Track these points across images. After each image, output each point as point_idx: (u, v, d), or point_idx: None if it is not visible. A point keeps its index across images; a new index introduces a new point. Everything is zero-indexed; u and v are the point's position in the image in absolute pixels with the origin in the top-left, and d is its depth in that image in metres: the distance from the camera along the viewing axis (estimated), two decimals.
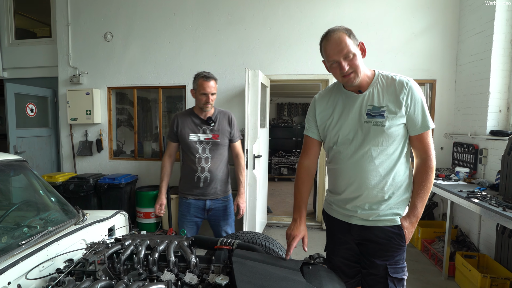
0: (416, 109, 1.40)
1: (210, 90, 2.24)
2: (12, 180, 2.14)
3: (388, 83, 1.44)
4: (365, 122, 1.43)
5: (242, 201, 2.45)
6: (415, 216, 1.45)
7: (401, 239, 1.44)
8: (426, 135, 1.42)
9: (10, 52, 5.24)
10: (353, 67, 1.37)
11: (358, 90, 1.47)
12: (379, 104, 1.42)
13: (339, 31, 1.37)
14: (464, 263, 2.86)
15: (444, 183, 3.36)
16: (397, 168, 1.44)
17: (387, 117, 1.39)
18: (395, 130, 1.40)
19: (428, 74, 4.20)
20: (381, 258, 1.45)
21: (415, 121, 1.41)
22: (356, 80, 1.40)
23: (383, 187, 1.43)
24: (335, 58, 1.37)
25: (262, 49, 4.48)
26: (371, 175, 1.43)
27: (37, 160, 4.85)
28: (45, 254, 1.58)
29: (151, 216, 4.39)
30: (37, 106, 4.88)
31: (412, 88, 1.40)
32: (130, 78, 4.79)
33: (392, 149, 1.42)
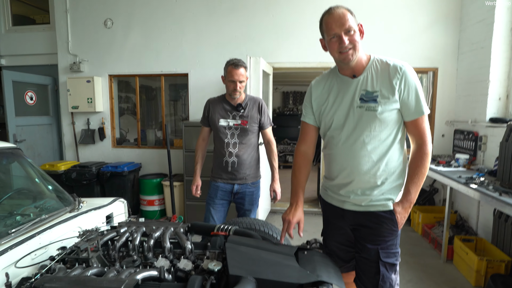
0: (410, 94, 1.39)
1: (238, 77, 2.28)
2: (5, 169, 2.11)
3: (382, 68, 1.43)
4: (357, 107, 1.42)
5: (278, 186, 2.50)
6: (408, 202, 1.44)
7: (393, 224, 1.44)
8: (421, 121, 1.41)
9: (7, 39, 5.16)
10: (352, 42, 1.36)
11: (353, 75, 1.46)
12: (373, 89, 1.41)
13: (342, 8, 1.38)
14: (462, 247, 2.96)
15: (445, 169, 3.44)
16: (390, 153, 1.44)
17: (379, 102, 1.39)
18: (388, 116, 1.40)
19: (431, 62, 4.22)
20: (372, 242, 1.46)
21: (408, 106, 1.40)
22: (354, 57, 1.39)
23: (375, 173, 1.44)
24: (336, 31, 1.35)
25: (265, 37, 4.46)
26: (363, 160, 1.43)
27: (39, 148, 4.84)
28: (37, 242, 1.56)
29: (154, 204, 4.44)
30: (36, 94, 4.84)
31: (406, 73, 1.39)
32: (132, 66, 4.76)
33: (385, 135, 1.42)
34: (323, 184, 1.69)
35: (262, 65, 3.82)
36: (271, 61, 4.43)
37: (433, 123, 4.29)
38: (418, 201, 4.17)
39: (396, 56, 4.08)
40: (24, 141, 4.60)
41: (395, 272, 1.50)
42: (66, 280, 1.06)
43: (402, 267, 3.09)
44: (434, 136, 4.30)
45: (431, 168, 3.50)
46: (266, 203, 4.46)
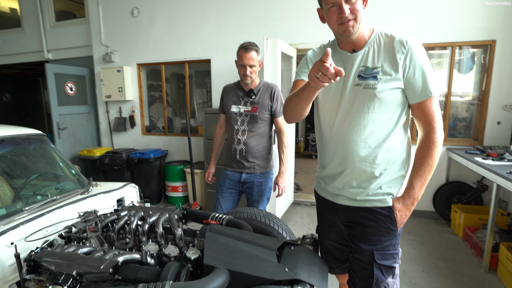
0: (416, 72, 1.19)
1: (248, 61, 2.18)
2: (32, 153, 2.26)
3: (386, 42, 1.25)
4: (355, 85, 1.25)
5: (282, 180, 2.34)
6: (411, 197, 1.24)
7: (391, 222, 1.26)
8: (429, 104, 1.20)
9: (52, 34, 5.55)
10: (354, 12, 1.18)
11: (353, 49, 1.26)
12: (373, 65, 1.23)
13: None
14: (508, 256, 2.46)
15: (493, 163, 2.88)
16: (391, 139, 1.24)
17: (380, 79, 1.20)
18: (389, 95, 1.21)
19: (486, 34, 3.52)
20: (367, 242, 1.29)
21: (414, 86, 1.20)
22: (355, 29, 1.21)
23: (373, 161, 1.25)
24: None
25: (288, 17, 4.13)
26: (359, 146, 1.25)
27: (79, 135, 5.20)
28: (48, 220, 1.71)
29: (178, 190, 4.50)
30: (76, 84, 5.16)
31: (412, 48, 1.19)
32: (157, 54, 4.80)
33: (385, 118, 1.23)
34: (316, 175, 1.52)
35: (281, 47, 3.54)
36: (295, 42, 4.11)
37: (485, 108, 3.62)
38: (462, 200, 3.60)
39: (441, 29, 3.63)
40: (66, 129, 4.96)
41: (393, 276, 1.30)
42: (59, 255, 1.22)
43: (431, 272, 2.69)
44: (487, 123, 3.63)
45: (477, 161, 2.96)
46: (289, 194, 4.25)
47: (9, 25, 6.07)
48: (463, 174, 3.72)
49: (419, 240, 3.31)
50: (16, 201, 1.91)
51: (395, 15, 3.75)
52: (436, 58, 3.95)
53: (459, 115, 3.92)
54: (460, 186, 3.71)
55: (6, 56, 6.05)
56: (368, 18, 3.89)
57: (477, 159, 3.02)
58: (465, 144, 3.75)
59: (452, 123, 3.90)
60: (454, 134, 3.91)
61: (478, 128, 3.72)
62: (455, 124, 3.92)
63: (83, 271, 1.13)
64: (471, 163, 3.05)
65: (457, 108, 3.90)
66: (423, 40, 3.69)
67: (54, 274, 1.13)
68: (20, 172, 2.21)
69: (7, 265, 1.43)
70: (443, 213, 3.76)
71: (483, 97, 3.65)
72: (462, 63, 3.77)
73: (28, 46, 5.74)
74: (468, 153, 3.35)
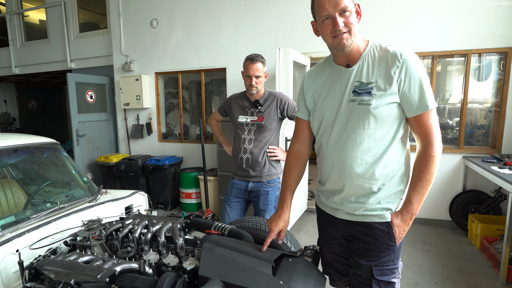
0: (412, 85, 1.17)
1: (253, 72, 2.23)
2: (46, 161, 2.36)
3: (380, 55, 1.22)
4: (350, 101, 1.24)
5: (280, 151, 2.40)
6: (409, 213, 1.23)
7: (390, 238, 1.24)
8: (426, 117, 1.19)
9: (75, 45, 5.83)
10: (348, 25, 1.19)
11: (347, 64, 1.27)
12: (368, 80, 1.22)
13: None
14: None
15: (510, 172, 2.81)
16: (389, 154, 1.23)
17: (374, 95, 1.20)
18: (384, 111, 1.20)
19: (502, 41, 3.47)
20: (366, 258, 1.28)
21: (410, 100, 1.19)
22: (349, 42, 1.21)
23: (370, 177, 1.24)
24: (330, 12, 1.18)
25: (303, 25, 4.19)
26: (356, 162, 1.25)
27: (97, 142, 5.39)
28: (54, 227, 1.74)
29: (192, 197, 4.59)
30: (96, 93, 5.37)
31: (407, 61, 1.17)
32: (175, 63, 4.95)
33: (381, 133, 1.22)
34: (316, 188, 1.53)
35: (293, 56, 3.60)
36: (308, 50, 4.16)
37: (503, 116, 3.54)
38: (479, 209, 3.51)
39: (455, 37, 3.63)
40: (85, 136, 5.16)
41: None
42: (59, 264, 1.24)
43: (445, 285, 2.64)
44: (504, 131, 3.55)
45: (493, 170, 2.90)
46: (302, 201, 4.25)
47: (38, 36, 6.43)
48: (480, 182, 3.63)
49: (434, 250, 3.24)
50: (27, 207, 1.97)
51: (406, 23, 3.75)
52: (455, 65, 3.91)
53: (477, 122, 3.84)
54: (477, 195, 3.62)
55: (33, 65, 6.39)
56: (382, 25, 3.95)
57: (493, 168, 2.96)
58: (482, 152, 3.67)
59: (470, 131, 3.82)
60: (472, 142, 3.83)
61: (496, 136, 3.64)
62: (473, 132, 3.85)
63: (81, 280, 1.14)
64: (487, 172, 2.98)
65: (476, 115, 3.83)
66: (438, 47, 3.67)
67: (53, 283, 1.16)
68: (32, 179, 2.29)
69: (12, 272, 1.46)
70: (460, 223, 3.68)
71: (501, 105, 3.57)
72: (480, 70, 3.71)
73: (53, 56, 6.05)
74: (485, 161, 3.27)
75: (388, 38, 3.79)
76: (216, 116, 2.63)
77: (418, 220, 3.91)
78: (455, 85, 3.91)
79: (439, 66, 3.91)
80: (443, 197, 3.81)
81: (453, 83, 3.93)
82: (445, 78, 3.99)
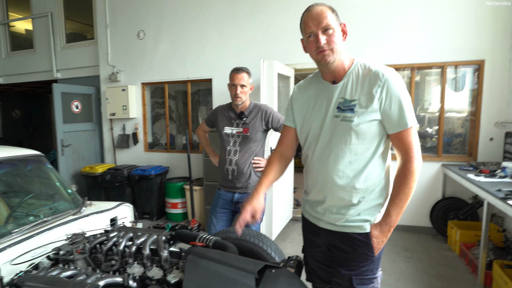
0: (392, 104, 1.23)
1: (238, 81, 2.28)
2: (29, 173, 2.32)
3: (364, 74, 1.29)
4: (334, 117, 1.30)
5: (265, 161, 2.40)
6: (388, 225, 1.28)
7: (369, 248, 1.30)
8: (406, 134, 1.24)
9: (62, 55, 5.82)
10: (330, 43, 1.25)
11: (333, 80, 1.34)
12: (351, 97, 1.28)
13: (322, 5, 1.28)
14: (501, 274, 2.47)
15: (485, 180, 2.92)
16: (369, 169, 1.29)
17: (356, 112, 1.25)
18: (366, 127, 1.26)
19: (475, 54, 3.64)
20: (346, 267, 1.33)
21: (391, 117, 1.25)
22: (331, 59, 1.26)
23: (351, 190, 1.30)
24: (313, 29, 1.25)
25: (287, 38, 4.30)
26: (337, 175, 1.30)
27: (83, 152, 5.34)
28: (37, 241, 1.70)
29: (177, 207, 4.57)
30: (82, 103, 5.35)
31: (388, 80, 1.23)
32: (161, 74, 4.99)
33: (362, 148, 1.28)
34: (302, 197, 1.58)
35: (277, 68, 3.68)
36: (292, 62, 4.27)
37: (478, 125, 3.69)
38: (458, 216, 3.61)
39: (430, 50, 3.78)
40: (70, 146, 5.11)
41: None
42: (41, 279, 1.21)
43: None
44: (480, 140, 3.69)
45: (469, 178, 3.01)
46: (288, 210, 4.29)
47: (24, 46, 6.39)
48: (458, 190, 3.75)
49: (416, 257, 3.31)
50: (9, 221, 1.91)
51: (388, 37, 3.89)
52: (432, 76, 4.06)
53: (455, 131, 3.98)
54: (456, 202, 3.73)
55: (18, 75, 6.34)
56: (363, 41, 4.08)
57: (470, 176, 3.07)
58: (459, 160, 3.80)
59: (448, 139, 3.96)
60: (450, 150, 3.96)
61: (472, 144, 3.78)
62: (450, 140, 3.98)
63: None
64: (464, 179, 3.09)
65: (453, 124, 3.98)
66: (417, 59, 3.82)
67: None
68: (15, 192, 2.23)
69: None
70: (440, 229, 3.77)
71: (476, 114, 3.72)
72: (455, 81, 3.87)
73: (39, 66, 6.02)
74: (462, 169, 3.39)
75: (370, 51, 3.93)
76: (203, 127, 2.67)
77: (400, 227, 3.99)
78: (433, 95, 4.06)
79: (418, 76, 4.06)
80: (423, 204, 3.91)
81: (431, 93, 4.08)
82: (424, 88, 4.14)
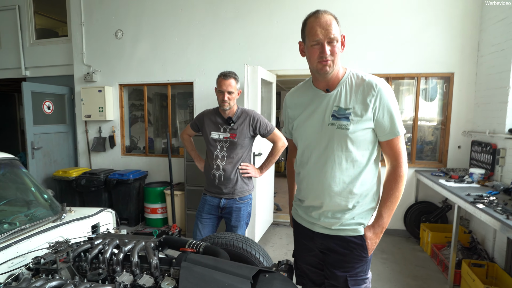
0: (385, 113, 1.31)
1: (226, 88, 2.27)
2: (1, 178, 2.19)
3: (357, 83, 1.35)
4: (329, 124, 1.35)
5: (252, 168, 2.45)
6: (380, 226, 1.37)
7: (363, 250, 1.37)
8: (396, 141, 1.34)
9: (31, 52, 5.51)
10: (333, 54, 1.30)
11: (326, 88, 1.39)
12: (346, 106, 1.33)
13: (330, 14, 1.30)
14: (469, 272, 2.66)
15: (455, 185, 3.13)
16: (364, 175, 1.36)
17: (352, 120, 1.31)
18: (361, 135, 1.32)
19: (445, 67, 3.90)
20: (341, 269, 1.40)
21: (383, 126, 1.32)
22: (331, 69, 1.32)
23: (347, 195, 1.36)
24: (320, 38, 1.27)
25: (269, 44, 4.37)
26: (334, 182, 1.36)
27: (55, 155, 5.10)
28: (14, 251, 1.62)
29: (157, 212, 4.49)
30: (54, 103, 5.10)
31: (381, 91, 1.30)
32: (140, 75, 4.88)
33: (357, 155, 1.34)
34: (293, 203, 1.63)
35: (261, 74, 3.73)
36: (274, 68, 4.33)
37: (447, 133, 3.95)
38: (429, 219, 3.84)
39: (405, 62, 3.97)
40: (41, 148, 4.85)
41: None
42: None
43: None
44: (449, 147, 3.95)
45: (441, 183, 3.21)
46: (268, 214, 4.35)
47: None
48: (430, 194, 3.98)
49: (391, 258, 3.48)
50: None
51: (366, 49, 4.06)
52: (406, 86, 4.29)
53: (426, 139, 4.23)
54: (427, 206, 3.97)
55: None
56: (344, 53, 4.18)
57: (441, 181, 3.28)
58: (431, 166, 4.04)
59: (420, 146, 4.20)
60: (422, 156, 4.20)
61: (442, 151, 4.03)
62: (422, 147, 4.22)
63: None
64: (436, 185, 3.30)
65: (425, 132, 4.22)
66: (392, 70, 4.02)
67: None
68: None
69: None
70: (413, 232, 3.99)
71: (446, 123, 3.98)
72: (427, 91, 4.12)
73: (5, 63, 5.65)
74: (434, 175, 3.61)
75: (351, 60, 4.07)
76: (188, 131, 2.63)
77: None
78: (407, 104, 4.28)
79: (393, 86, 4.27)
80: (398, 208, 4.10)
81: (405, 101, 4.31)
82: (399, 97, 4.37)
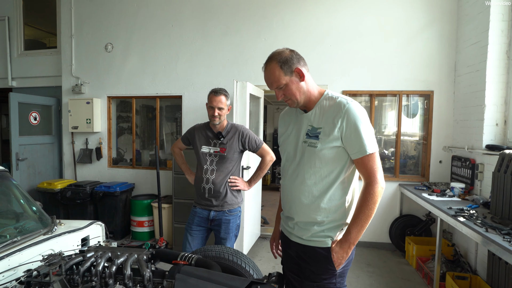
0: (353, 133, 1.35)
1: (216, 104, 2.35)
2: None
3: (330, 104, 1.43)
4: (303, 142, 1.47)
5: (241, 181, 2.51)
6: (347, 242, 1.38)
7: (329, 262, 1.40)
8: (367, 160, 1.35)
9: (19, 63, 5.47)
10: (287, 95, 1.43)
11: (304, 109, 1.51)
12: (317, 125, 1.43)
13: (272, 62, 1.41)
14: (453, 285, 2.73)
15: (437, 199, 3.24)
16: (332, 192, 1.42)
17: (320, 139, 1.40)
18: (328, 153, 1.39)
19: (426, 85, 4.08)
20: (309, 279, 1.45)
21: (352, 145, 1.37)
22: (295, 104, 1.46)
23: (316, 209, 1.43)
24: (271, 88, 1.47)
25: (257, 60, 4.48)
26: (303, 195, 1.45)
27: (40, 166, 5.00)
28: (6, 264, 1.61)
29: (144, 225, 4.43)
30: (41, 114, 5.04)
31: (349, 111, 1.35)
32: (129, 88, 4.89)
33: (326, 172, 1.41)
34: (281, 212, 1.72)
35: (250, 89, 3.81)
36: (262, 83, 4.42)
37: (429, 149, 4.10)
38: (414, 232, 3.93)
39: (388, 80, 4.14)
40: (26, 160, 4.76)
41: None
42: None
43: None
44: (431, 162, 4.09)
45: (424, 197, 3.31)
46: (256, 228, 4.35)
47: None
48: (414, 208, 4.09)
49: (378, 271, 3.53)
50: None
51: (351, 66, 4.22)
52: (389, 102, 4.45)
53: (409, 153, 4.37)
54: (411, 219, 4.06)
55: None
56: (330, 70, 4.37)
57: (424, 195, 3.38)
58: (414, 180, 4.16)
59: (403, 161, 4.33)
60: (405, 171, 4.33)
61: (425, 166, 4.17)
62: (406, 162, 4.35)
63: None
64: (419, 198, 3.40)
65: (407, 147, 4.36)
66: (375, 87, 4.18)
67: None
68: None
69: None
70: (399, 245, 4.06)
71: (427, 138, 4.13)
72: (408, 108, 4.29)
73: None
74: (417, 189, 3.72)
75: (335, 78, 4.21)
76: (179, 145, 2.69)
77: (363, 244, 4.23)
78: (390, 120, 4.43)
79: (376, 101, 4.42)
80: (383, 222, 4.20)
81: (389, 117, 4.46)
82: (381, 113, 4.52)
